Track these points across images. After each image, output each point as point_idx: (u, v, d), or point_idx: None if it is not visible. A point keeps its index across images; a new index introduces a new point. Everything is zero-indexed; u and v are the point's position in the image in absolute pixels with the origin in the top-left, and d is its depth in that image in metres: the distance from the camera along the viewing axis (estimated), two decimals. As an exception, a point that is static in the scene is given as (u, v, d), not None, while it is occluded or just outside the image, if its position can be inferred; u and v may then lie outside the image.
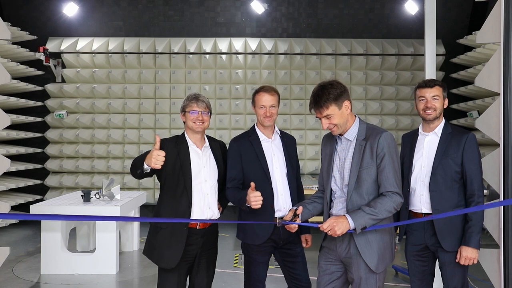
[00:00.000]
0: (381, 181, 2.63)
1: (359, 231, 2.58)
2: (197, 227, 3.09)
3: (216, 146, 3.28)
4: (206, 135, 3.25)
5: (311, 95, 2.71)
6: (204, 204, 3.09)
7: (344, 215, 2.61)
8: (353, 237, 2.65)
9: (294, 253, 3.26)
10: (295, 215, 2.81)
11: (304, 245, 3.33)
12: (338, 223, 2.56)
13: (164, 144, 2.99)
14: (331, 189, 2.79)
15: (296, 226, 2.84)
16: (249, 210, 3.06)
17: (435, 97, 3.09)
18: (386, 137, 2.65)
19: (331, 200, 2.79)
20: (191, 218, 3.03)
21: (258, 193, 2.93)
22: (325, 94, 2.63)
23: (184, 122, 3.18)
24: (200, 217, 3.07)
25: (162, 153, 2.80)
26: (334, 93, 2.64)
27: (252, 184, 2.98)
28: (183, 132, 3.21)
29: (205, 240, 3.15)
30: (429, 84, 3.13)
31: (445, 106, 3.15)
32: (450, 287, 3.05)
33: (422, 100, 3.13)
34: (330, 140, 2.87)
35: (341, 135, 2.77)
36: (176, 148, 3.08)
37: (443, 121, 3.17)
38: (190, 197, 3.03)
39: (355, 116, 2.78)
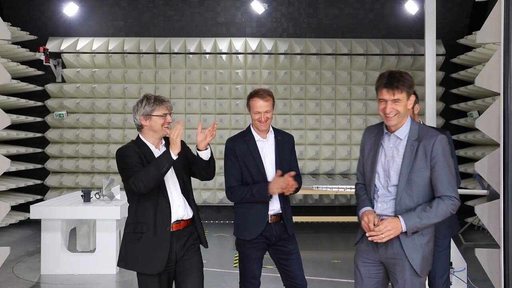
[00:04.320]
0: (436, 186, 2.56)
1: (410, 235, 2.52)
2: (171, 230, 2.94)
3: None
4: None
5: (384, 75, 2.58)
6: (180, 202, 3.00)
7: (397, 216, 2.52)
8: (399, 239, 2.55)
9: (288, 250, 3.28)
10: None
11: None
12: (393, 226, 2.49)
13: (127, 152, 2.91)
14: (374, 185, 2.68)
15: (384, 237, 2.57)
16: (269, 199, 3.18)
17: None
18: (442, 141, 2.57)
19: (373, 198, 2.69)
20: (171, 218, 2.92)
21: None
22: (403, 79, 2.55)
23: (141, 126, 3.01)
24: (176, 217, 2.95)
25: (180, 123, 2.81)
26: (410, 81, 2.57)
27: (279, 171, 3.16)
28: (138, 136, 3.06)
29: (184, 242, 2.99)
30: None
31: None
32: (433, 272, 3.25)
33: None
34: (375, 133, 2.74)
35: (389, 131, 2.65)
36: (139, 153, 2.95)
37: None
38: (166, 197, 2.95)
39: (408, 116, 2.68)
